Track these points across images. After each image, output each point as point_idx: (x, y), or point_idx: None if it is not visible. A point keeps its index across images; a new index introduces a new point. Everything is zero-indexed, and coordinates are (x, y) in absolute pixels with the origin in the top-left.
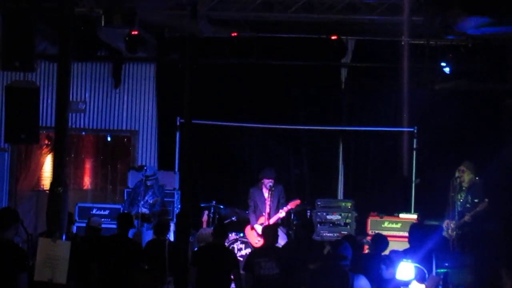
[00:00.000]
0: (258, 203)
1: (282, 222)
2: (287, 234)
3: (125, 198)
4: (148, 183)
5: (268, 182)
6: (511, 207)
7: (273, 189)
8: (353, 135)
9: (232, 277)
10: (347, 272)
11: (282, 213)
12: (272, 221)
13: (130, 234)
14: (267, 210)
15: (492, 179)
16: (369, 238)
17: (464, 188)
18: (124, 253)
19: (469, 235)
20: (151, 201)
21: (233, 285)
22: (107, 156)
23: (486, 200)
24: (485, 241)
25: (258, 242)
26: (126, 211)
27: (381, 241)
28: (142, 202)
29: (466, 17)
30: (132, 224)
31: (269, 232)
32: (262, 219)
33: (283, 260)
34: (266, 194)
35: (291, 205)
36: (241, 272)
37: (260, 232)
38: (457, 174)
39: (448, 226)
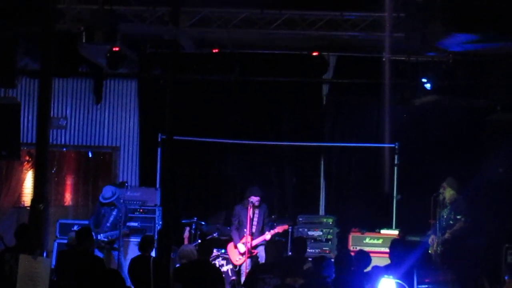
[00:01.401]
0: (243, 221)
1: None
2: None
3: (89, 221)
4: (106, 207)
5: (256, 200)
6: (493, 222)
7: (256, 206)
8: (335, 151)
9: None
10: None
11: (267, 235)
12: (256, 241)
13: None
14: (252, 229)
15: (474, 195)
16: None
17: (447, 205)
18: (85, 269)
19: (452, 250)
20: (115, 222)
21: None
22: (89, 172)
23: (463, 219)
24: (468, 256)
25: (239, 260)
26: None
27: (364, 257)
28: (108, 224)
29: (447, 34)
30: (92, 238)
31: (271, 249)
32: (247, 238)
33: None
34: (252, 213)
35: (279, 229)
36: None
37: (242, 251)
38: (440, 190)
39: (433, 242)
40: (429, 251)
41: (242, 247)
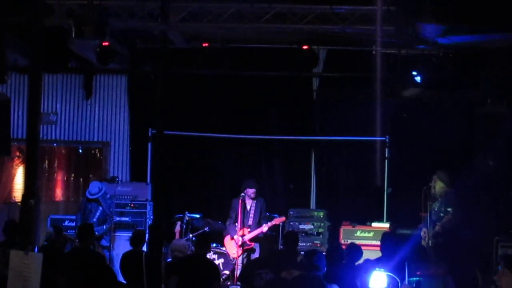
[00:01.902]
0: (240, 214)
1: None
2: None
3: (76, 216)
4: (93, 203)
5: (251, 192)
6: (483, 215)
7: (252, 198)
8: (325, 145)
9: None
10: (322, 281)
11: (265, 228)
12: (253, 234)
13: None
14: (249, 222)
15: (465, 188)
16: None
17: (437, 198)
18: (88, 266)
19: (444, 243)
20: (102, 217)
21: None
22: (79, 168)
23: (451, 212)
24: (459, 249)
25: (236, 253)
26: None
27: (355, 250)
28: (95, 220)
29: (437, 27)
30: (94, 235)
31: (266, 244)
32: (244, 231)
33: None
34: (248, 206)
35: (276, 221)
36: (237, 283)
37: (239, 243)
38: (431, 183)
39: (425, 235)
40: (422, 244)
41: (239, 240)
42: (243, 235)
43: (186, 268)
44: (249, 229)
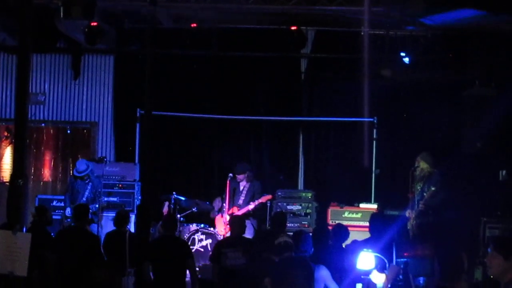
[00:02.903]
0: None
1: (254, 213)
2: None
3: (64, 196)
4: (81, 180)
5: (238, 178)
6: (470, 196)
7: (238, 182)
8: (313, 126)
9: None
10: (309, 263)
11: (251, 206)
12: (240, 212)
13: None
14: (239, 201)
15: (451, 169)
16: (330, 227)
17: (422, 178)
18: (81, 246)
19: (429, 224)
20: (91, 196)
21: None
22: (67, 148)
23: (433, 188)
24: (445, 230)
25: (224, 230)
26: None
27: (342, 231)
28: (84, 199)
29: (426, 8)
30: (88, 215)
31: (236, 223)
32: (234, 209)
33: (251, 251)
34: (241, 187)
35: (263, 199)
36: (207, 263)
37: (226, 220)
38: (416, 164)
39: (410, 216)
40: (407, 227)
41: (226, 218)
42: (232, 213)
43: (157, 252)
44: (239, 208)
